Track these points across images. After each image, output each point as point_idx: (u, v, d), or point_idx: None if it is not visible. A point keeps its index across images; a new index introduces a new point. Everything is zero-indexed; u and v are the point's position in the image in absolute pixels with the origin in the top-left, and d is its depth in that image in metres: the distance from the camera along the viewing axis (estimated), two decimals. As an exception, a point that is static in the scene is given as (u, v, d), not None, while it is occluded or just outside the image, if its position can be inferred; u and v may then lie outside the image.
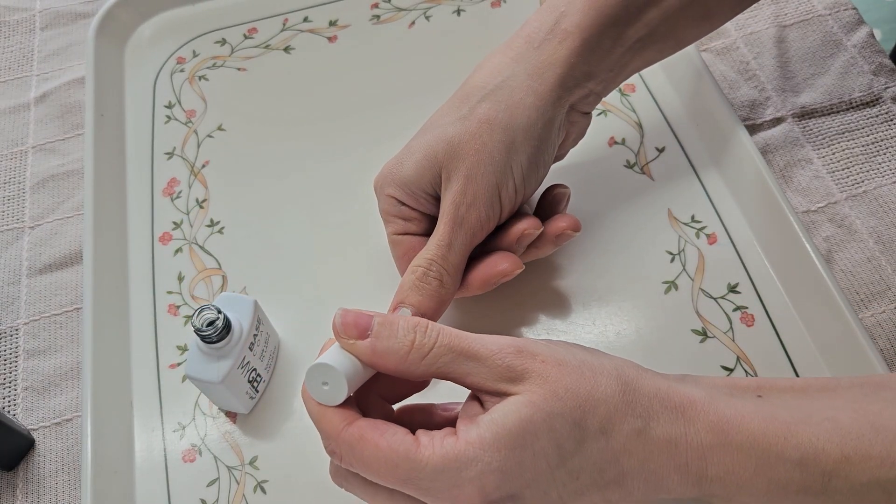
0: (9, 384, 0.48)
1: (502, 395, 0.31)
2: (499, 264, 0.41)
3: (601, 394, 0.30)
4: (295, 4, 0.60)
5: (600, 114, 0.53)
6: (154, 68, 0.59)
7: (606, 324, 0.45)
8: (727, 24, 0.51)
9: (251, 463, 0.43)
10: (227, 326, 0.40)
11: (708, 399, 0.31)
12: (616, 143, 0.52)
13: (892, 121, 0.52)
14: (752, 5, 0.45)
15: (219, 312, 0.39)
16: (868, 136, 0.52)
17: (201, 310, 0.39)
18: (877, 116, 0.53)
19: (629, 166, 0.51)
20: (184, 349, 0.47)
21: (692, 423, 0.30)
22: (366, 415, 0.32)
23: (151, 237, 0.51)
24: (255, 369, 0.43)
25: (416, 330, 0.32)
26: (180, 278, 0.49)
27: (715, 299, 0.45)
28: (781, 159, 0.52)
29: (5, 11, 0.64)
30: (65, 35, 0.63)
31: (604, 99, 0.44)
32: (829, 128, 0.53)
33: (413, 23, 0.59)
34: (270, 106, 0.56)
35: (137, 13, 0.60)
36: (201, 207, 0.52)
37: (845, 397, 0.31)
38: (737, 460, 0.30)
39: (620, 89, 0.54)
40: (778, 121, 0.53)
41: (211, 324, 0.39)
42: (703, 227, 0.48)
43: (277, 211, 0.51)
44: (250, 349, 0.42)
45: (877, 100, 0.53)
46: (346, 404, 0.32)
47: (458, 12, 0.59)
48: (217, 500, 0.42)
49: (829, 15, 0.57)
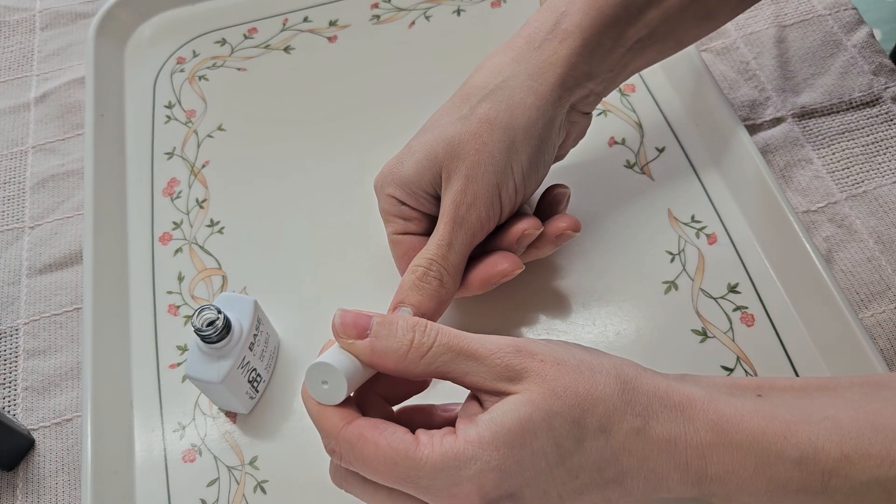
0: (9, 384, 0.48)
1: (501, 394, 0.31)
2: (499, 264, 0.41)
3: (600, 392, 0.30)
4: (295, 4, 0.61)
5: (600, 114, 0.53)
6: (154, 68, 0.59)
7: (606, 324, 0.45)
8: (727, 24, 0.51)
9: (251, 463, 0.43)
10: (227, 326, 0.40)
11: (707, 398, 0.31)
12: (616, 143, 0.52)
13: (892, 121, 0.52)
14: (752, 5, 0.45)
15: (219, 312, 0.39)
16: (868, 136, 0.52)
17: (201, 310, 0.39)
18: (877, 116, 0.53)
19: (629, 166, 0.51)
20: (184, 349, 0.47)
21: (692, 422, 0.30)
22: (366, 415, 0.32)
23: (151, 237, 0.51)
24: (255, 369, 0.43)
25: (414, 329, 0.32)
26: (180, 278, 0.49)
27: (715, 299, 0.45)
28: (781, 159, 0.51)
29: (5, 11, 0.64)
30: (65, 35, 0.63)
31: (604, 99, 0.44)
32: (829, 128, 0.53)
33: (413, 23, 0.59)
34: (270, 106, 0.56)
35: (137, 13, 0.60)
36: (201, 207, 0.52)
37: (845, 396, 0.31)
38: (736, 459, 0.30)
39: (620, 89, 0.54)
40: (778, 121, 0.53)
41: (211, 324, 0.39)
42: (703, 227, 0.48)
43: (277, 211, 0.51)
44: (250, 349, 0.42)
45: (877, 100, 0.53)
46: (345, 404, 0.32)
47: (458, 12, 0.59)
48: (217, 500, 0.42)
49: (829, 15, 0.57)
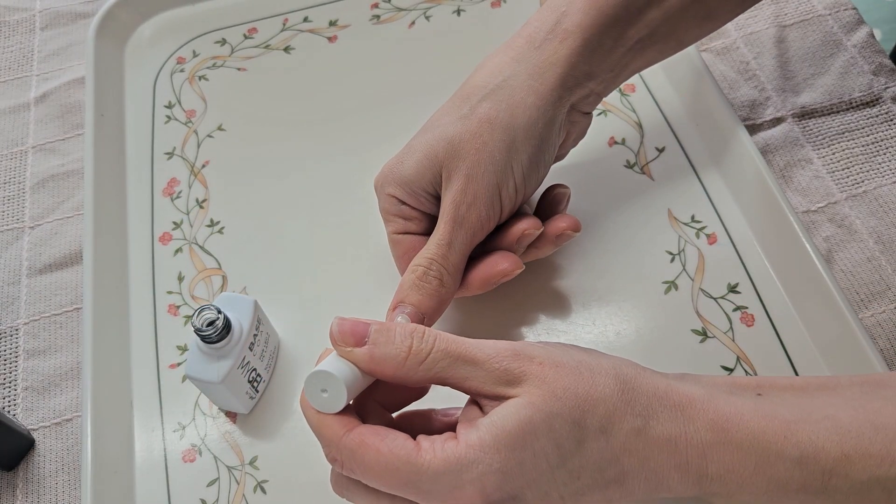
0: (9, 384, 0.48)
1: (501, 398, 0.31)
2: (499, 264, 0.41)
3: (600, 393, 0.30)
4: (295, 4, 0.61)
5: (600, 114, 0.53)
6: (154, 68, 0.59)
7: (606, 324, 0.45)
8: (727, 24, 0.51)
9: (251, 463, 0.43)
10: (227, 326, 0.40)
11: (707, 397, 0.31)
12: (616, 143, 0.52)
13: (892, 121, 0.52)
14: (753, 5, 0.45)
15: (219, 312, 0.39)
16: (868, 136, 0.52)
17: (201, 310, 0.39)
18: (877, 116, 0.53)
19: (629, 166, 0.51)
20: (184, 349, 0.47)
21: (692, 422, 0.30)
22: (365, 423, 0.32)
23: (151, 237, 0.51)
24: (255, 369, 0.43)
25: (412, 336, 0.32)
26: (180, 278, 0.49)
27: (715, 299, 0.45)
28: (781, 159, 0.52)
29: (5, 11, 0.64)
30: (65, 35, 0.63)
31: (604, 99, 0.44)
32: (829, 128, 0.53)
33: (413, 23, 0.59)
34: (270, 106, 0.56)
35: (137, 13, 0.60)
36: (201, 207, 0.52)
37: (845, 396, 0.31)
38: (737, 458, 0.30)
39: (620, 89, 0.54)
40: (778, 121, 0.53)
41: (211, 324, 0.39)
42: (703, 227, 0.48)
43: (277, 211, 0.51)
44: (250, 349, 0.42)
45: (877, 100, 0.53)
46: (345, 411, 0.32)
47: (458, 12, 0.59)
48: (217, 500, 0.42)
49: (829, 15, 0.57)
